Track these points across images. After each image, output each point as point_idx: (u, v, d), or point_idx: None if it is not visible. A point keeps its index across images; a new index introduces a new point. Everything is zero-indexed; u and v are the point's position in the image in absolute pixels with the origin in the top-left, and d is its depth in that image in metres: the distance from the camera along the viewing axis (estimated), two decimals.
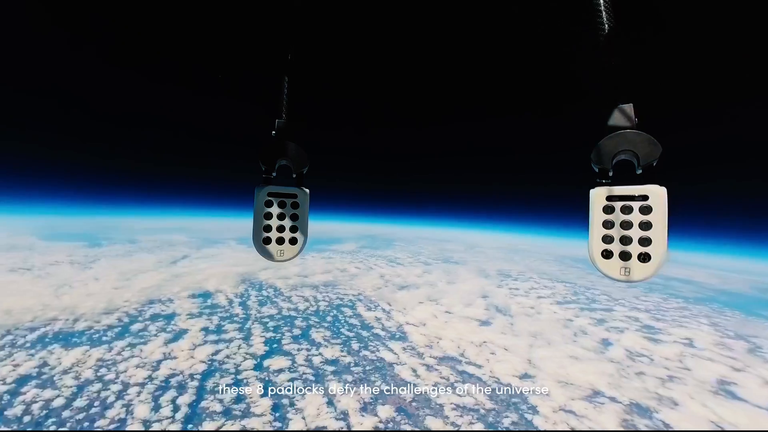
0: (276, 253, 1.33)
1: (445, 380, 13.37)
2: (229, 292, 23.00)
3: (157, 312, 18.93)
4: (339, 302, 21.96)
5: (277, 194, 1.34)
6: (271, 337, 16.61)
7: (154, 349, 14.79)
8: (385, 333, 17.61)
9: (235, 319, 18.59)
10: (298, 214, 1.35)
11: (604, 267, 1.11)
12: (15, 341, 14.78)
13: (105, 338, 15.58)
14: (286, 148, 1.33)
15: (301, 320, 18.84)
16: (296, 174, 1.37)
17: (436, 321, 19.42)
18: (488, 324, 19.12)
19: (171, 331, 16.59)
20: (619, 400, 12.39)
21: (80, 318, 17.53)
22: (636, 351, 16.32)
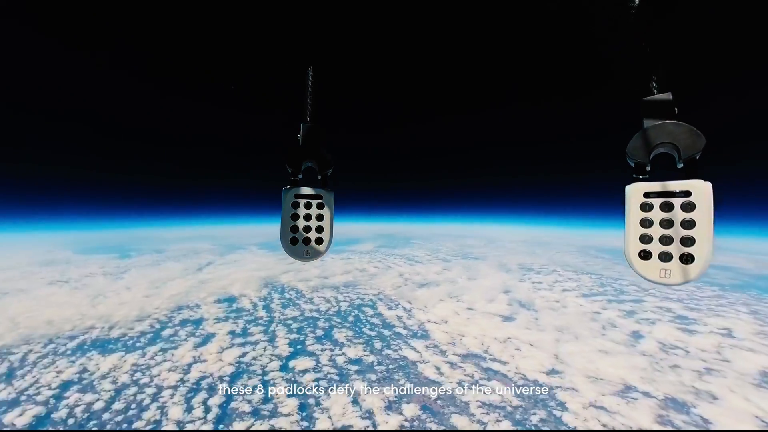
0: (303, 252, 1.36)
1: (470, 378, 13.24)
2: (253, 296, 23.57)
3: (186, 317, 19.62)
4: (360, 302, 22.11)
5: (303, 196, 1.37)
6: (295, 338, 16.90)
7: (185, 353, 15.34)
8: (407, 331, 17.60)
9: (260, 321, 19.03)
10: (323, 215, 1.38)
11: (642, 269, 1.05)
12: (57, 349, 15.69)
13: (138, 344, 16.29)
14: (311, 151, 1.37)
15: (323, 321, 19.08)
16: (321, 176, 1.41)
17: (458, 318, 19.24)
18: (512, 319, 18.79)
19: (200, 336, 17.16)
20: (653, 395, 11.91)
21: (115, 326, 18.40)
22: (669, 343, 15.64)
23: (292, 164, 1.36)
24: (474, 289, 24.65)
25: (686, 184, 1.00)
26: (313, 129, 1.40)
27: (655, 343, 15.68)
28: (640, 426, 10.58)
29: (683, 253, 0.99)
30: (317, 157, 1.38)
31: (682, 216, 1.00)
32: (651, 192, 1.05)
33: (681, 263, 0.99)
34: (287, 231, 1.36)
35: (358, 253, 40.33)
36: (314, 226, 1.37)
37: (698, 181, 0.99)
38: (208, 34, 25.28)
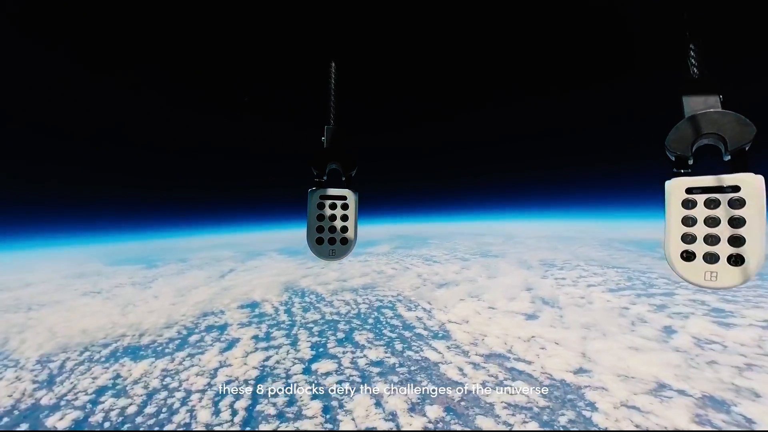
0: (328, 252, 1.39)
1: (494, 378, 13.01)
2: (275, 301, 23.97)
3: (211, 323, 20.16)
4: (379, 304, 22.12)
5: (328, 197, 1.41)
6: (317, 341, 17.07)
7: (211, 358, 15.76)
8: (428, 332, 17.47)
9: (282, 325, 19.33)
10: (348, 215, 1.41)
11: (685, 271, 0.97)
12: (92, 356, 16.45)
13: (167, 350, 16.85)
14: (335, 152, 1.42)
15: (343, 324, 19.20)
16: (345, 177, 1.45)
17: (479, 318, 18.96)
18: (535, 318, 18.36)
19: (225, 341, 17.59)
20: (689, 393, 11.35)
21: (145, 333, 19.12)
22: (705, 338, 14.87)
23: (317, 166, 1.41)
24: (494, 287, 24.23)
25: (734, 178, 0.92)
26: (336, 131, 1.45)
27: (689, 338, 14.95)
28: (676, 426, 10.10)
29: (732, 254, 0.91)
30: (341, 158, 1.42)
31: (731, 213, 0.91)
32: (694, 187, 0.97)
33: (729, 265, 0.92)
34: (313, 231, 1.39)
35: (375, 255, 40.40)
36: (339, 227, 1.41)
37: (748, 175, 0.91)
38: (227, 40, 25.71)
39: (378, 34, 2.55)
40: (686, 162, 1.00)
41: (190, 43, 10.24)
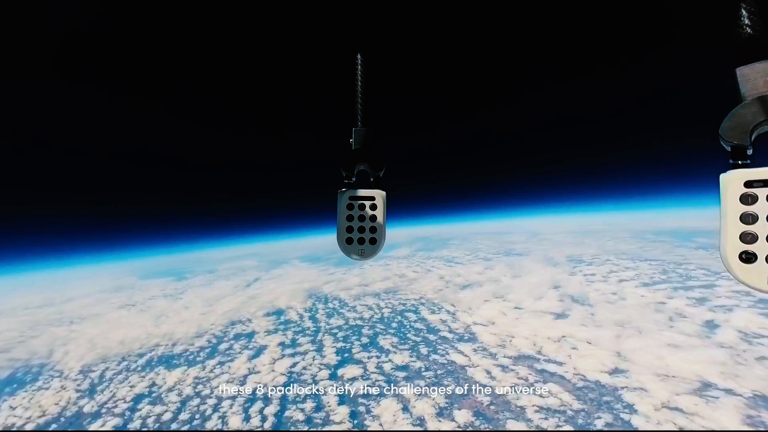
0: (358, 252, 1.43)
1: (524, 381, 12.62)
2: (299, 308, 24.29)
3: (239, 332, 20.66)
4: (402, 308, 21.99)
5: (357, 197, 1.44)
6: (342, 347, 17.14)
7: (240, 365, 16.12)
8: (453, 335, 17.19)
9: (307, 332, 19.55)
10: (376, 215, 1.44)
11: (744, 274, 0.89)
12: (129, 366, 17.21)
13: (198, 358, 17.38)
14: (364, 153, 1.46)
15: (367, 328, 19.20)
16: (374, 177, 1.48)
17: (505, 318, 18.49)
18: (565, 317, 17.70)
19: (252, 348, 17.96)
20: (737, 393, 10.58)
21: (177, 342, 19.81)
22: (752, 332, 13.81)
23: (347, 168, 1.44)
24: (520, 287, 23.58)
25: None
26: (364, 133, 1.49)
27: (734, 332, 13.95)
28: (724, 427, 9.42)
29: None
30: (370, 159, 1.46)
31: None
32: (755, 180, 0.88)
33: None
34: (343, 231, 1.43)
35: (395, 259, 40.25)
36: (368, 227, 1.43)
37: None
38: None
39: (400, 29, 2.55)
40: (744, 152, 0.91)
41: (216, 64, 10.65)
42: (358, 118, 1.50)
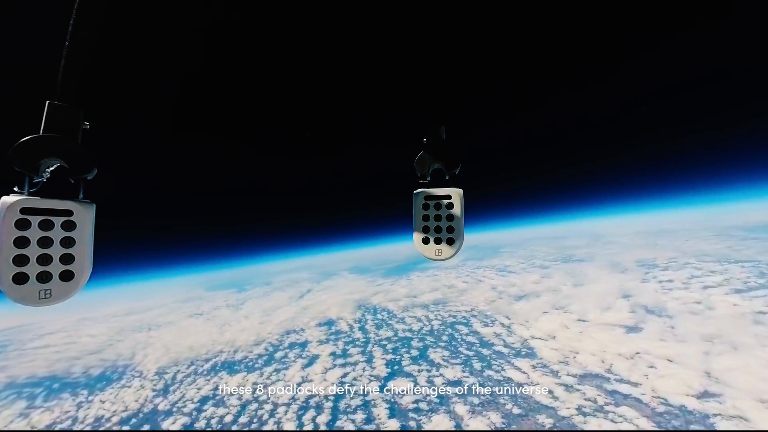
0: (435, 252, 1.38)
1: (592, 403, 11.35)
2: (349, 318, 24.63)
3: (294, 341, 21.44)
4: (452, 320, 21.24)
5: (432, 197, 1.40)
6: (391, 359, 16.93)
7: (294, 373, 16.64)
8: (509, 350, 16.13)
9: (357, 343, 19.66)
10: (453, 215, 1.39)
11: None
12: (197, 370, 18.67)
13: (257, 365, 18.30)
14: (439, 151, 1.41)
15: (417, 341, 18.79)
16: (449, 175, 1.43)
17: (568, 332, 16.95)
18: (638, 330, 15.74)
19: (306, 357, 18.49)
20: None
21: (238, 349, 21.11)
22: None
23: (421, 167, 1.41)
24: (583, 296, 21.55)
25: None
26: (437, 130, 1.44)
27: None
28: None
29: None
30: (445, 157, 1.41)
31: None
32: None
33: None
34: (420, 232, 1.40)
35: (443, 269, 39.27)
36: (445, 226, 1.38)
37: None
38: None
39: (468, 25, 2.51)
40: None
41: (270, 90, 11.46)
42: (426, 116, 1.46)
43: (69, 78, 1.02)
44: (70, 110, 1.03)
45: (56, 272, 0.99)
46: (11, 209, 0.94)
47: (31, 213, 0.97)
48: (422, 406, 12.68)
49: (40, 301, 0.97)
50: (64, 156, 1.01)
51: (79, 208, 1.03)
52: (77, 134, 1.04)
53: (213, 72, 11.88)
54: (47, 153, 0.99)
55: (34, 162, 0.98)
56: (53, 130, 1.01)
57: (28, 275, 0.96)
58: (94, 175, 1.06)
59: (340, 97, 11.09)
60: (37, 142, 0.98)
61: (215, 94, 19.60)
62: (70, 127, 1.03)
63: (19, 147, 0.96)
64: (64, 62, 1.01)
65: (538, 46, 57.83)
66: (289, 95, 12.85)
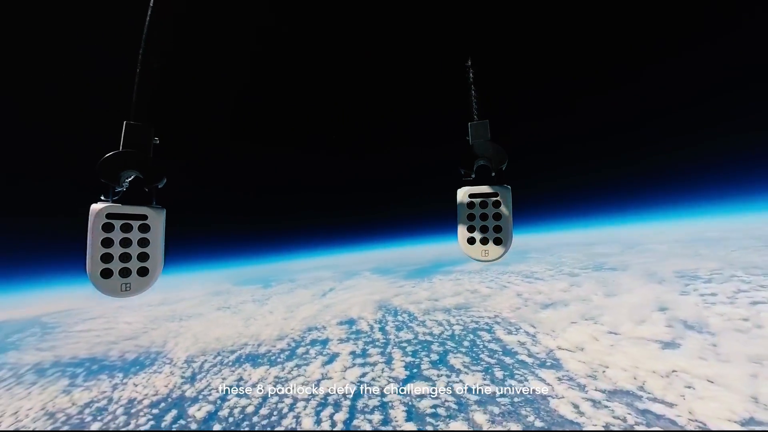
0: (481, 253, 1.31)
1: (621, 421, 10.75)
2: (370, 319, 24.72)
3: (315, 338, 21.80)
4: (474, 326, 20.80)
5: (477, 195, 1.33)
6: (411, 361, 16.82)
7: (315, 370, 16.91)
8: (533, 360, 15.58)
9: (377, 343, 19.69)
10: (500, 213, 1.31)
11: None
12: (222, 360, 19.38)
13: (279, 360, 18.75)
14: (483, 147, 1.35)
15: (437, 345, 18.56)
16: (495, 172, 1.35)
17: (597, 345, 16.15)
18: (675, 346, 14.72)
19: (326, 354, 18.75)
20: None
21: (262, 343, 21.72)
22: None
23: (465, 165, 1.35)
24: (615, 307, 20.44)
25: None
26: (481, 126, 1.37)
27: None
28: None
29: None
30: (489, 153, 1.34)
31: None
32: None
33: None
34: (464, 231, 1.33)
35: (466, 273, 38.57)
36: (492, 226, 1.31)
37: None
38: None
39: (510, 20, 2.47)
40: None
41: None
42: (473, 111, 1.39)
43: (141, 100, 1.18)
44: (143, 128, 1.18)
45: (134, 268, 1.14)
46: (99, 215, 1.11)
47: (115, 218, 1.13)
48: (440, 411, 12.50)
49: (121, 293, 1.12)
50: (139, 168, 1.16)
51: (152, 213, 1.18)
52: (149, 149, 1.19)
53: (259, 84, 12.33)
54: (125, 166, 1.15)
55: (115, 174, 1.13)
56: (130, 146, 1.16)
57: (112, 271, 1.11)
58: (164, 184, 1.21)
59: (379, 95, 11.17)
60: (117, 157, 1.14)
61: (257, 103, 20.35)
62: (144, 143, 1.18)
63: (103, 162, 1.12)
64: (136, 87, 1.17)
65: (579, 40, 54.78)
66: (323, 99, 13.17)
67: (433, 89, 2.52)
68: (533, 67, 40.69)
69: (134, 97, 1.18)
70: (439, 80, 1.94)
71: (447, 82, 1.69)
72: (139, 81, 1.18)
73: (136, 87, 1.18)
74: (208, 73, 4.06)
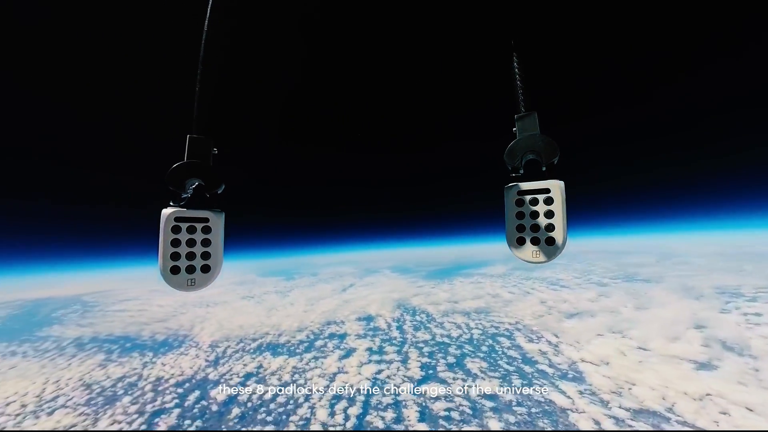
0: (532, 254, 1.21)
1: None
2: (388, 317, 24.80)
3: (333, 332, 22.16)
4: (494, 331, 20.39)
5: (526, 191, 1.24)
6: (427, 362, 16.74)
7: (331, 363, 17.20)
8: (554, 370, 15.07)
9: (394, 342, 19.73)
10: (552, 211, 1.20)
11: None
12: (244, 347, 20.11)
13: (298, 350, 19.22)
14: (533, 140, 1.25)
15: (454, 348, 18.35)
16: (546, 166, 1.23)
17: (624, 360, 15.39)
18: (711, 368, 13.76)
19: (343, 349, 19.01)
20: None
21: (282, 333, 22.34)
22: None
23: (511, 158, 1.26)
24: (646, 321, 19.35)
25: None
26: (528, 117, 1.29)
27: None
28: None
29: None
30: (539, 146, 1.23)
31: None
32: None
33: None
34: (513, 231, 1.24)
35: (488, 277, 37.82)
36: (543, 225, 1.20)
37: None
38: None
39: None
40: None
41: None
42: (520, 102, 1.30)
43: (201, 117, 1.33)
44: (203, 141, 1.33)
45: (198, 266, 1.27)
46: (168, 218, 1.25)
47: (181, 221, 1.26)
48: (454, 415, 12.37)
49: (187, 288, 1.25)
50: (201, 176, 1.29)
51: (213, 216, 1.30)
52: (209, 159, 1.33)
53: (303, 88, 12.58)
54: (190, 175, 1.27)
55: (182, 182, 1.26)
56: (193, 157, 1.30)
57: (179, 268, 1.25)
58: (222, 190, 1.33)
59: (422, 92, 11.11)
60: (182, 167, 1.27)
61: (299, 105, 20.81)
62: (204, 154, 1.32)
63: (172, 172, 1.25)
64: (196, 105, 1.33)
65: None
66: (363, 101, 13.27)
67: (474, 82, 2.44)
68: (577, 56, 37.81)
69: (195, 114, 1.33)
70: (479, 71, 1.85)
71: (488, 72, 1.62)
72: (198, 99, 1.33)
73: (196, 105, 1.33)
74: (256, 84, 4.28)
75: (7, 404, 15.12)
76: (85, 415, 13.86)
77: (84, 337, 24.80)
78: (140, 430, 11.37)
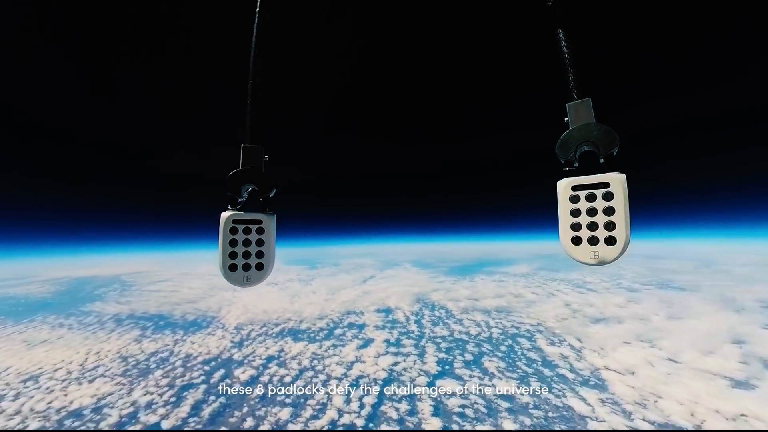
0: (589, 255, 1.10)
1: None
2: (407, 310, 24.95)
3: (353, 321, 22.58)
4: (514, 331, 20.05)
5: (582, 186, 1.13)
6: (444, 358, 16.75)
7: (349, 352, 17.58)
8: (575, 376, 14.67)
9: (411, 335, 19.86)
10: (613, 207, 1.08)
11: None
12: (267, 331, 20.93)
13: (318, 337, 19.77)
14: (587, 130, 1.14)
15: (472, 345, 18.23)
16: (604, 158, 1.12)
17: (652, 371, 14.71)
18: (749, 387, 12.91)
19: (362, 339, 19.36)
20: None
21: (304, 320, 23.03)
22: None
23: (564, 150, 1.16)
24: (679, 332, 18.36)
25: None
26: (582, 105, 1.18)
27: None
28: None
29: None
30: (595, 135, 1.12)
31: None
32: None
33: None
34: (567, 229, 1.14)
35: (512, 276, 37.04)
36: (602, 222, 1.09)
37: None
38: None
39: None
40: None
41: None
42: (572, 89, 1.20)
43: (253, 127, 1.45)
44: (256, 149, 1.43)
45: (253, 264, 1.36)
46: (227, 221, 1.34)
47: (238, 222, 1.36)
48: (468, 412, 12.35)
49: (244, 284, 1.33)
50: (255, 182, 1.38)
51: (266, 219, 1.40)
52: (262, 165, 1.43)
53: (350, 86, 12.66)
54: (245, 181, 1.37)
55: (238, 187, 1.36)
56: (247, 164, 1.40)
57: (237, 265, 1.33)
58: (274, 194, 1.42)
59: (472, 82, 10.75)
60: (239, 174, 1.37)
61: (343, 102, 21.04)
62: (257, 161, 1.42)
63: (230, 178, 1.35)
64: (248, 117, 1.45)
65: None
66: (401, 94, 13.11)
67: (516, 68, 2.24)
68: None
69: (247, 125, 1.45)
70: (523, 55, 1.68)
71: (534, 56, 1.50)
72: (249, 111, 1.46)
73: (248, 117, 1.46)
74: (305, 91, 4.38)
75: (55, 370, 16.61)
76: (121, 385, 14.98)
77: (122, 313, 26.70)
78: (142, 430, 11.85)
